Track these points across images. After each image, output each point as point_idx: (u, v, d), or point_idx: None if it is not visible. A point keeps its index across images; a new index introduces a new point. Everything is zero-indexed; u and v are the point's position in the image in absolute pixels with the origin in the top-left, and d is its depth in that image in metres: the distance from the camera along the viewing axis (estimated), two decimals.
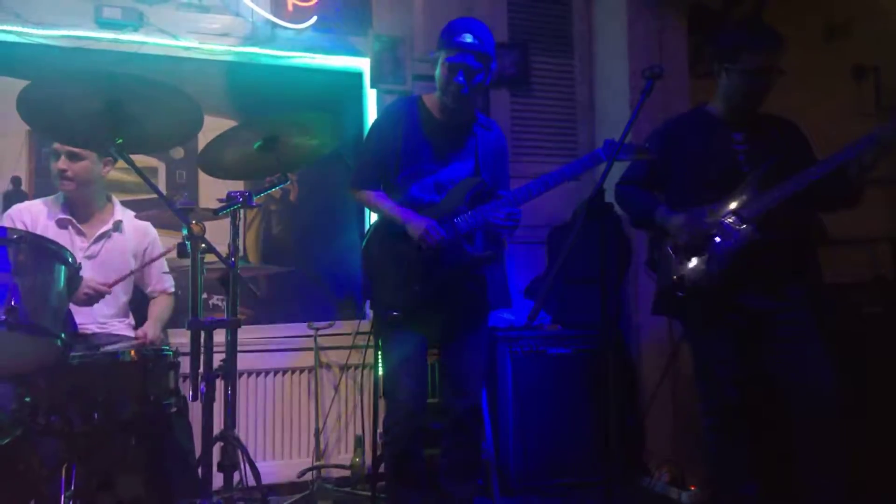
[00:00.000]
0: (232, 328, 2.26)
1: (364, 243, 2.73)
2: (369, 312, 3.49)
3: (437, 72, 2.62)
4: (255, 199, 2.32)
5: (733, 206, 2.62)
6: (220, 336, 2.19)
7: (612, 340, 3.65)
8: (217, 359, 2.17)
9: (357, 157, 2.81)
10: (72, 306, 2.21)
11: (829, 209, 2.76)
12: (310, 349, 3.71)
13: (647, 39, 3.99)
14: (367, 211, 3.80)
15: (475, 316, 2.73)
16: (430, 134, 2.67)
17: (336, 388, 3.76)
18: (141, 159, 2.19)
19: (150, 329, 2.84)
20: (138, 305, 3.07)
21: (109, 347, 2.60)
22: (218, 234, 2.41)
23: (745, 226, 2.58)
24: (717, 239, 2.61)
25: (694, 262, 2.65)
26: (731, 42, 2.68)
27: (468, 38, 2.55)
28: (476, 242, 2.68)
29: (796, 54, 2.72)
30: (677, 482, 3.53)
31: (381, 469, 3.18)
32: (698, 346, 2.79)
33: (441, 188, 2.67)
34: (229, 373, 2.22)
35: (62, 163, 2.81)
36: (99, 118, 2.09)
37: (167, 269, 3.05)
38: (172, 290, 3.11)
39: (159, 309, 3.01)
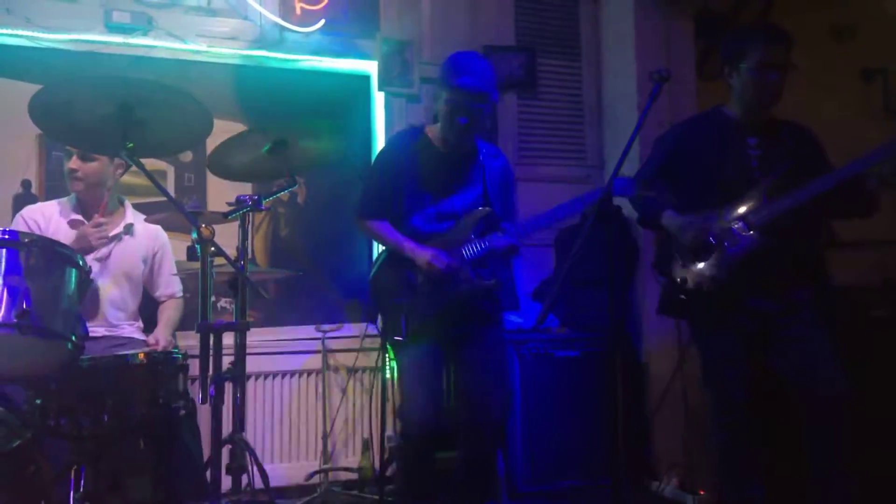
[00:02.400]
0: (241, 331, 2.27)
1: (372, 273, 2.75)
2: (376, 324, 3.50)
3: (438, 108, 2.65)
4: (265, 203, 2.33)
5: (741, 211, 2.61)
6: (228, 339, 2.20)
7: (620, 343, 3.65)
8: (226, 361, 2.18)
9: (363, 188, 2.82)
10: (81, 309, 2.22)
11: (843, 217, 2.74)
12: (318, 352, 3.72)
13: (654, 42, 3.99)
14: None
15: (489, 330, 2.72)
16: (432, 165, 2.69)
17: (344, 391, 3.77)
18: (149, 162, 2.20)
19: (162, 336, 2.84)
20: (146, 310, 3.08)
21: (119, 350, 2.61)
22: (226, 236, 2.42)
23: (751, 232, 2.57)
24: (723, 244, 2.60)
25: (698, 265, 2.65)
26: (737, 42, 2.69)
27: (467, 81, 2.55)
28: (485, 270, 2.68)
29: (804, 56, 2.71)
30: (686, 486, 3.51)
31: (389, 472, 3.19)
32: (706, 347, 2.78)
33: (443, 218, 2.69)
34: (238, 376, 2.22)
35: (73, 162, 2.82)
36: (110, 122, 2.10)
37: (176, 272, 3.06)
38: (181, 293, 3.11)
39: (169, 314, 3.02)
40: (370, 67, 3.96)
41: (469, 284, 2.62)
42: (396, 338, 2.62)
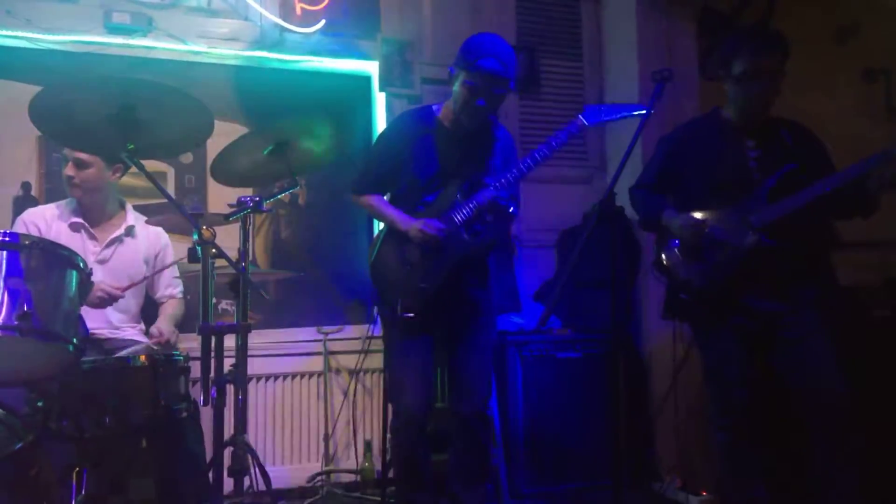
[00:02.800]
0: (242, 333, 2.26)
1: (372, 254, 2.74)
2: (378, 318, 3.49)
3: (456, 89, 2.60)
4: (266, 205, 2.32)
5: (742, 212, 2.62)
6: (230, 340, 2.19)
7: (622, 344, 3.64)
8: (227, 363, 2.18)
9: (362, 164, 2.82)
10: (83, 311, 2.21)
11: (843, 217, 2.75)
12: (319, 353, 3.72)
13: (656, 42, 3.99)
14: None
15: (480, 320, 2.74)
16: (445, 144, 2.68)
17: (345, 393, 3.76)
18: (150, 164, 2.19)
19: (165, 326, 2.84)
20: (148, 311, 3.07)
21: (121, 352, 2.61)
22: (228, 238, 2.42)
23: (751, 233, 2.58)
24: (725, 244, 2.61)
25: (700, 266, 2.65)
26: (724, 51, 2.71)
27: (493, 64, 2.49)
28: (479, 229, 2.68)
29: (807, 57, 2.71)
30: (688, 487, 3.51)
31: (391, 474, 3.18)
32: (707, 348, 2.79)
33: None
34: (240, 377, 2.22)
35: (69, 170, 2.82)
36: (110, 124, 2.10)
37: (177, 275, 3.06)
38: (181, 294, 3.11)
39: (170, 310, 3.02)
40: (371, 68, 3.95)
41: (465, 246, 2.61)
42: (409, 314, 2.59)
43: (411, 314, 2.58)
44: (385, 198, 2.80)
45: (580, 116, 2.60)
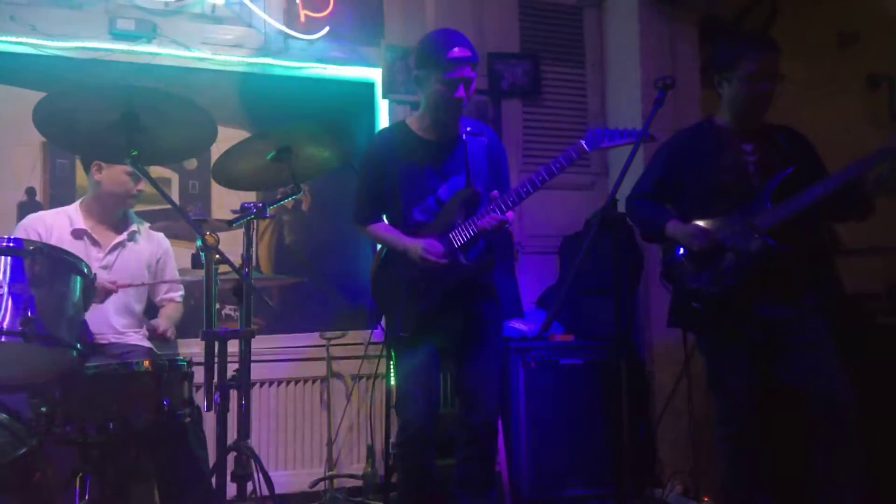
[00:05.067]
0: (245, 338, 2.27)
1: (373, 268, 2.75)
2: (381, 325, 3.49)
3: (430, 90, 2.60)
4: (269, 210, 2.33)
5: (746, 216, 2.62)
6: (233, 346, 2.20)
7: (625, 351, 3.64)
8: (230, 368, 2.18)
9: (355, 193, 2.81)
10: (87, 316, 2.22)
11: (840, 220, 2.76)
12: (322, 359, 3.72)
13: (658, 49, 4.00)
14: None
15: (487, 331, 2.72)
16: (421, 155, 2.66)
17: (348, 398, 3.77)
18: (154, 170, 2.21)
19: (163, 321, 2.85)
20: (150, 316, 3.08)
21: (125, 358, 2.61)
22: (231, 244, 2.43)
23: (758, 237, 2.58)
24: (731, 250, 2.61)
25: (709, 273, 2.65)
26: (729, 51, 2.71)
27: (462, 52, 2.56)
28: (477, 251, 2.67)
29: (809, 64, 2.72)
30: (690, 494, 3.50)
31: (394, 479, 3.18)
32: (712, 356, 2.78)
33: (442, 206, 2.67)
34: (243, 383, 2.22)
35: (142, 184, 2.86)
36: (114, 130, 2.11)
37: (178, 279, 3.07)
38: (181, 298, 3.12)
39: (168, 311, 3.04)
40: (374, 75, 3.97)
41: (463, 269, 2.60)
42: (401, 334, 2.60)
43: (404, 333, 2.59)
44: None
45: (581, 141, 2.59)
